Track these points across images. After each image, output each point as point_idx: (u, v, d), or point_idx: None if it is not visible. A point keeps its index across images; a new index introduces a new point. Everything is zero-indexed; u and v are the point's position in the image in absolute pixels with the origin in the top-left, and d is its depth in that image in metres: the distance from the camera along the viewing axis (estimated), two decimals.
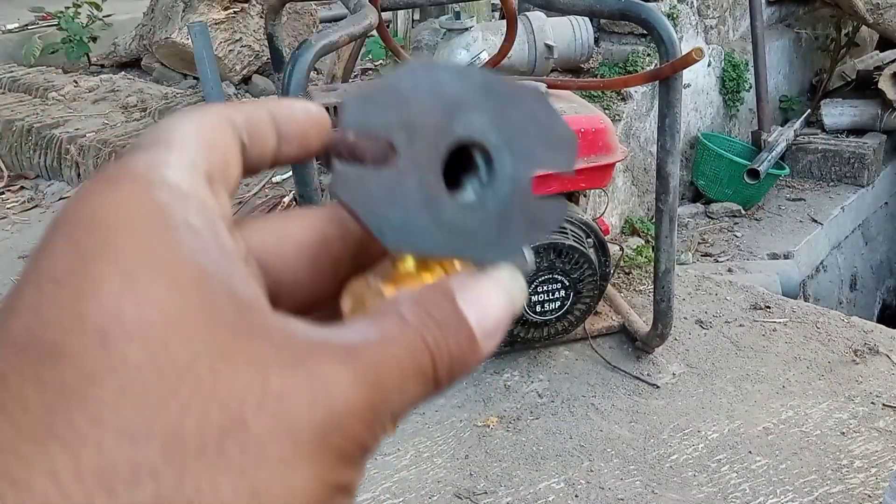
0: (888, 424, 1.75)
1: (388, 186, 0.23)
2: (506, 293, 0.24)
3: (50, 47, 4.19)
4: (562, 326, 1.90)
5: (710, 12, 3.39)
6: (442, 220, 0.24)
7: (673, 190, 1.72)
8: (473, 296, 0.23)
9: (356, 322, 0.21)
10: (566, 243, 1.76)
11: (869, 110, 3.69)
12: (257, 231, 0.25)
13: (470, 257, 0.25)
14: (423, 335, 0.21)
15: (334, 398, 0.18)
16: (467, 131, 0.24)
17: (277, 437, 0.17)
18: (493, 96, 0.25)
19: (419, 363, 0.21)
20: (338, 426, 0.18)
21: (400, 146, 0.23)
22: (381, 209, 0.23)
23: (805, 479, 1.60)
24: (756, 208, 3.35)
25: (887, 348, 2.04)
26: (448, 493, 1.60)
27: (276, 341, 0.18)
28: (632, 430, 1.77)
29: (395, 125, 0.23)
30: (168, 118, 0.23)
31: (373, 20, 1.41)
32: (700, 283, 2.40)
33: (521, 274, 0.26)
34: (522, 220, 0.26)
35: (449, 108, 0.24)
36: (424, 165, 0.23)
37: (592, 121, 1.80)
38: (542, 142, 0.26)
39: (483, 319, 0.23)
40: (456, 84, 0.24)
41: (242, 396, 0.17)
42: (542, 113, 0.26)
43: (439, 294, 0.23)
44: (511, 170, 0.25)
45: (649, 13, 1.58)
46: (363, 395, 0.19)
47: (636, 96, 2.90)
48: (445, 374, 0.22)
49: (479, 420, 1.81)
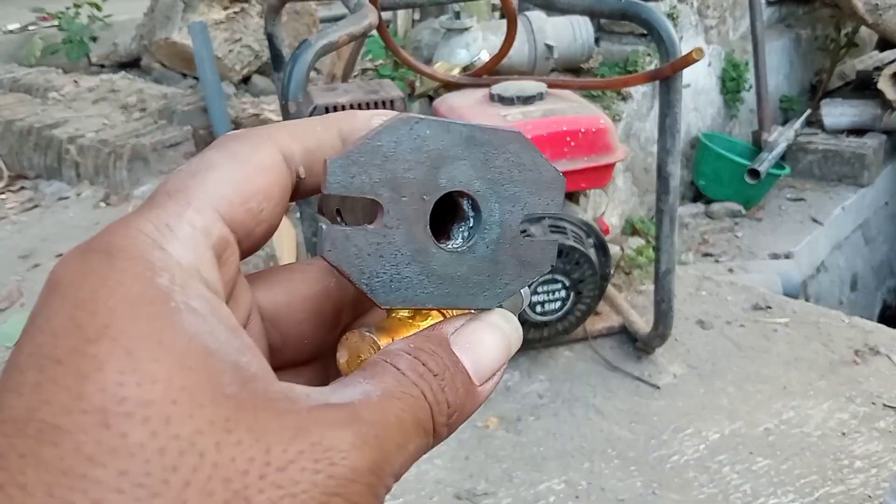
0: (889, 425, 1.75)
1: (376, 243, 0.23)
2: (501, 335, 0.24)
3: (50, 47, 4.19)
4: (562, 327, 1.90)
5: (711, 12, 3.39)
6: (432, 270, 0.24)
7: (673, 190, 1.72)
8: (468, 341, 0.23)
9: (355, 379, 0.21)
10: (567, 244, 1.76)
11: (869, 110, 3.68)
12: (266, 286, 0.25)
13: (463, 305, 0.25)
14: (421, 388, 0.21)
15: (336, 464, 0.18)
16: (452, 182, 0.24)
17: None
18: (477, 145, 0.25)
19: (419, 417, 0.21)
20: (340, 493, 0.18)
21: (386, 203, 0.23)
22: (370, 266, 0.23)
23: (806, 480, 1.60)
24: (757, 208, 3.34)
25: (888, 348, 2.03)
26: (448, 494, 1.60)
27: (279, 410, 0.18)
28: (632, 431, 1.77)
29: (379, 183, 0.23)
30: (213, 148, 0.22)
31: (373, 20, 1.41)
32: (701, 283, 2.40)
33: (515, 310, 0.27)
34: (514, 263, 0.26)
35: (433, 162, 0.24)
36: (411, 219, 0.24)
37: (593, 121, 1.80)
38: (528, 185, 0.26)
39: (479, 364, 0.23)
40: (439, 137, 0.24)
41: (245, 469, 0.17)
42: (526, 157, 0.26)
43: (434, 342, 0.23)
44: (499, 215, 0.26)
45: (649, 13, 1.58)
46: (366, 459, 0.19)
47: (636, 96, 2.90)
48: (444, 425, 0.22)
49: (479, 421, 1.81)
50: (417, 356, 0.22)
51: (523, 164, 0.26)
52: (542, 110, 1.81)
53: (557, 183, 0.27)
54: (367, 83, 1.99)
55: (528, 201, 0.26)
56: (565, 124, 1.77)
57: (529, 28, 2.73)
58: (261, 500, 0.17)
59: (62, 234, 2.44)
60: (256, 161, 0.22)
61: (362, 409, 0.19)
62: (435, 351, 0.22)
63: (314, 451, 0.18)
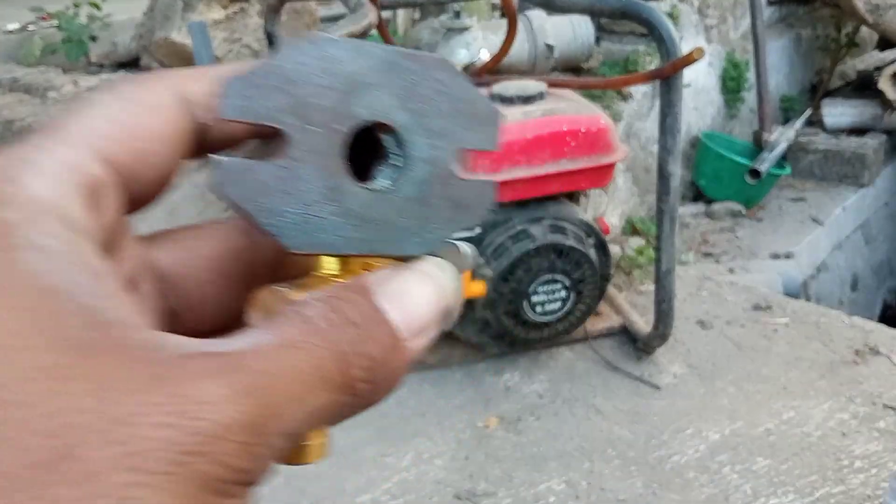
0: (889, 425, 1.75)
1: (281, 177, 0.20)
2: (434, 286, 0.22)
3: (49, 47, 4.19)
4: (562, 327, 1.90)
5: (711, 11, 3.39)
6: (350, 210, 0.21)
7: (674, 190, 1.72)
8: (395, 291, 0.21)
9: (253, 330, 0.18)
10: (567, 244, 1.76)
11: (869, 110, 3.68)
12: (165, 243, 0.23)
13: (388, 252, 0.22)
14: (331, 338, 0.18)
15: (200, 419, 0.15)
16: (370, 112, 0.22)
17: (116, 467, 0.15)
18: (398, 72, 0.22)
19: (325, 370, 0.18)
20: (203, 451, 0.15)
21: (291, 131, 0.20)
22: (274, 204, 0.20)
23: (806, 480, 1.60)
24: (757, 208, 3.34)
25: (888, 349, 2.03)
26: (448, 495, 1.59)
27: (134, 357, 0.16)
28: (633, 431, 1.76)
29: (283, 109, 0.20)
30: (100, 89, 0.20)
31: (373, 19, 1.41)
32: (701, 283, 2.40)
33: (457, 266, 0.24)
34: (446, 206, 0.23)
35: (346, 88, 0.21)
36: (322, 152, 0.21)
37: (593, 120, 1.80)
38: (460, 119, 0.23)
39: (408, 316, 0.20)
40: (353, 60, 0.21)
41: (77, 422, 0.15)
42: (456, 88, 0.23)
43: (354, 292, 0.20)
44: (427, 151, 0.23)
45: (650, 12, 1.57)
46: (241, 412, 0.16)
47: (637, 96, 2.89)
48: (365, 381, 0.19)
49: (479, 421, 1.80)
50: (332, 304, 0.19)
51: (453, 95, 0.23)
52: (542, 110, 1.80)
53: (493, 117, 0.24)
54: None
55: (460, 137, 0.23)
56: (566, 124, 1.77)
57: (529, 27, 2.73)
58: (96, 458, 0.14)
59: None
60: (145, 99, 0.20)
61: (247, 357, 0.17)
62: (355, 299, 0.20)
63: (173, 402, 0.15)
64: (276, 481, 1.63)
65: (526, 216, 1.78)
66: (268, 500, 1.59)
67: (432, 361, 1.99)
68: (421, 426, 1.79)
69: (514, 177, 1.73)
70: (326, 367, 0.18)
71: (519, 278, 1.75)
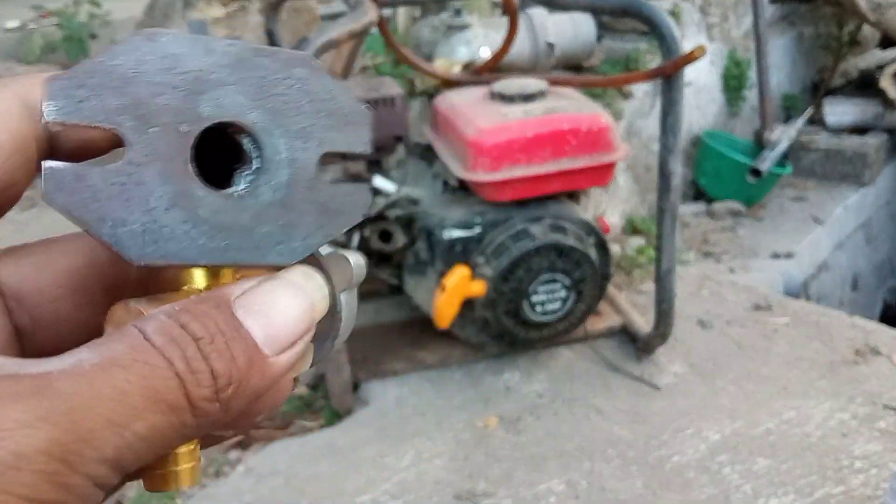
0: (889, 425, 1.74)
1: (120, 183, 0.19)
2: (301, 296, 0.20)
3: (50, 45, 4.19)
4: (562, 327, 1.89)
5: (713, 10, 3.38)
6: (200, 218, 0.20)
7: (675, 189, 1.71)
8: (257, 303, 0.19)
9: (81, 348, 0.17)
10: (567, 243, 1.75)
11: (871, 109, 3.67)
12: (11, 259, 0.22)
13: (249, 261, 0.21)
14: (167, 354, 0.17)
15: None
16: (218, 111, 0.20)
17: None
18: (250, 69, 0.21)
19: (156, 389, 0.17)
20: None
21: (128, 134, 0.19)
22: (113, 212, 0.19)
23: (806, 480, 1.59)
24: (758, 207, 3.33)
25: (889, 349, 2.03)
26: (448, 495, 1.59)
27: None
28: (633, 431, 1.76)
29: (118, 110, 0.19)
30: None
31: (373, 17, 1.40)
32: (702, 282, 2.39)
33: (341, 276, 0.22)
34: (313, 211, 0.22)
35: (191, 86, 0.20)
36: (166, 155, 0.19)
37: (594, 119, 1.79)
38: (323, 118, 0.22)
39: (272, 329, 0.19)
40: (196, 57, 0.20)
41: None
42: (317, 85, 0.22)
43: (210, 304, 0.19)
44: (287, 153, 0.21)
45: (651, 10, 1.57)
46: (41, 440, 0.15)
47: (638, 94, 2.89)
48: (210, 399, 0.17)
49: (479, 421, 1.80)
50: (177, 318, 0.18)
51: (314, 93, 0.22)
52: (543, 108, 1.80)
53: (360, 116, 0.22)
54: (367, 80, 1.98)
55: (324, 137, 0.22)
56: (566, 122, 1.76)
57: (531, 25, 2.72)
58: None
59: (60, 234, 2.43)
60: None
61: (57, 380, 0.16)
62: (206, 313, 0.18)
63: None
64: (276, 481, 1.63)
65: (526, 215, 1.78)
66: (268, 500, 1.59)
67: (432, 361, 1.98)
68: (420, 426, 1.79)
69: (514, 175, 1.72)
70: (158, 387, 0.17)
71: (519, 278, 1.75)
